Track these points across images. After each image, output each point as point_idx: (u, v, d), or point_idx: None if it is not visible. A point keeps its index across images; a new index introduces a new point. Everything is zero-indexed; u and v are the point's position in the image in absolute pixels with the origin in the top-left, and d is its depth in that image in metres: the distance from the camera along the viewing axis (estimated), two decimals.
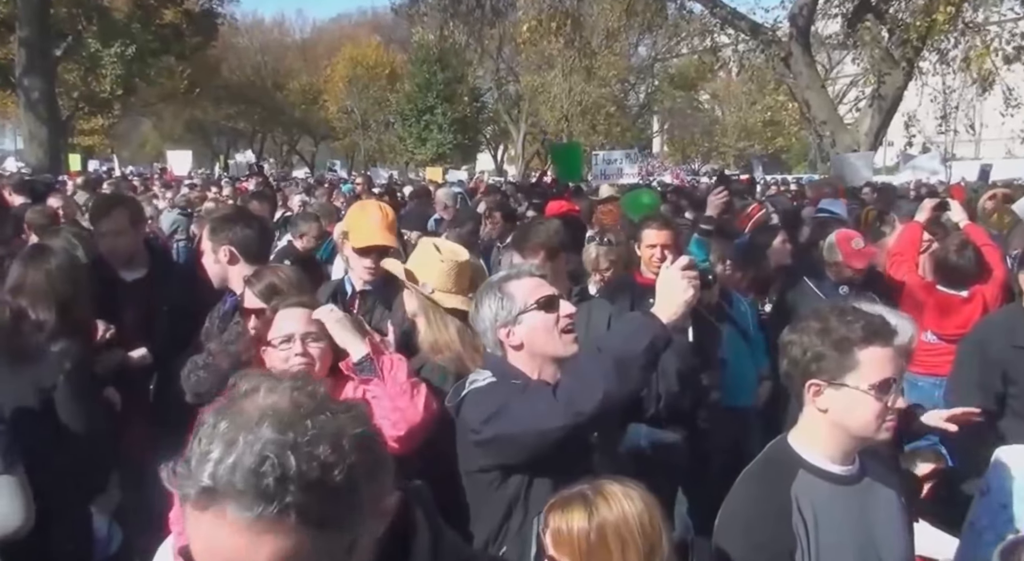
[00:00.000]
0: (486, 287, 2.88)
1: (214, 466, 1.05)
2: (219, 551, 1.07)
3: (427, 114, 47.72)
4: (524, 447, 2.57)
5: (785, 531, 2.23)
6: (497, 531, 2.69)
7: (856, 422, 2.27)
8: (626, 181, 16.15)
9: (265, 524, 1.05)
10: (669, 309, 2.54)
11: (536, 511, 2.57)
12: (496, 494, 2.68)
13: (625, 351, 2.49)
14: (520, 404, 2.56)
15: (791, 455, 2.37)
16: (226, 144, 62.42)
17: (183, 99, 45.98)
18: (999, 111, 22.19)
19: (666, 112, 53.31)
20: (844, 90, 37.38)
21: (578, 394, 2.47)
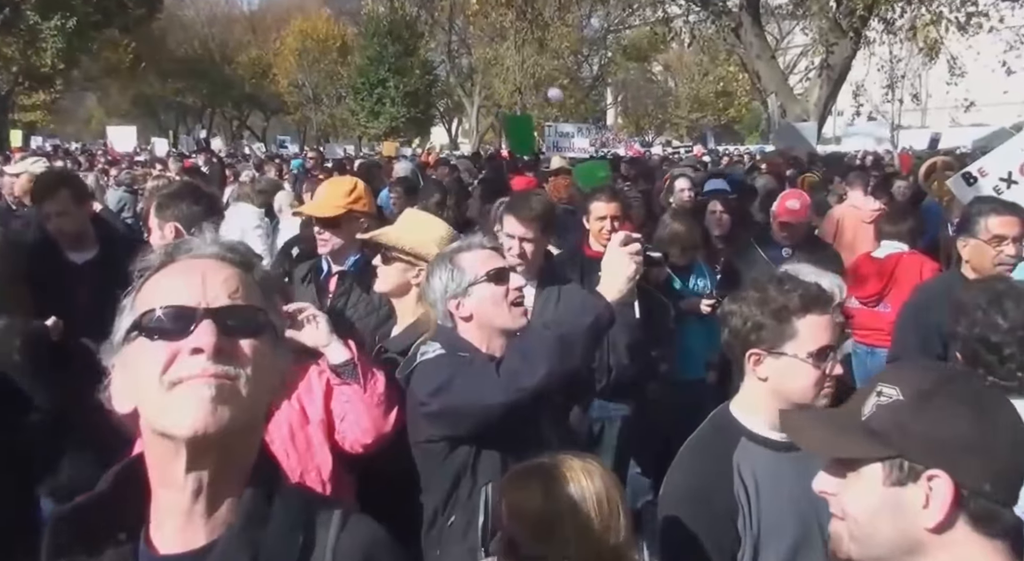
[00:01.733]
0: (438, 258, 2.89)
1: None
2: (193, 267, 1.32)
3: (379, 88, 47.15)
4: (469, 420, 2.61)
5: (727, 497, 2.27)
6: (446, 501, 2.73)
7: (795, 390, 2.31)
8: (578, 155, 16.14)
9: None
10: (614, 287, 2.58)
11: (484, 481, 2.61)
12: (444, 464, 2.71)
13: (569, 328, 2.53)
14: (465, 378, 2.58)
15: (733, 423, 2.41)
16: (175, 119, 61.18)
17: (128, 73, 44.93)
18: (944, 80, 22.57)
19: (619, 84, 53.35)
20: (794, 60, 37.66)
21: (520, 370, 2.51)
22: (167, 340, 1.24)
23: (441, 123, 58.43)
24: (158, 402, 1.23)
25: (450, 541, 2.71)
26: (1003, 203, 4.26)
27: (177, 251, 1.35)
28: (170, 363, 1.23)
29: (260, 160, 19.32)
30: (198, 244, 1.36)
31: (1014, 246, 3.92)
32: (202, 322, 1.24)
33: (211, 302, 1.27)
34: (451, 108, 55.65)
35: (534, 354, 2.53)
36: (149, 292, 1.30)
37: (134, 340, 1.27)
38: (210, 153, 21.13)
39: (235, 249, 1.39)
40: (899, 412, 1.39)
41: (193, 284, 1.28)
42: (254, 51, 57.04)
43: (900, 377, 1.45)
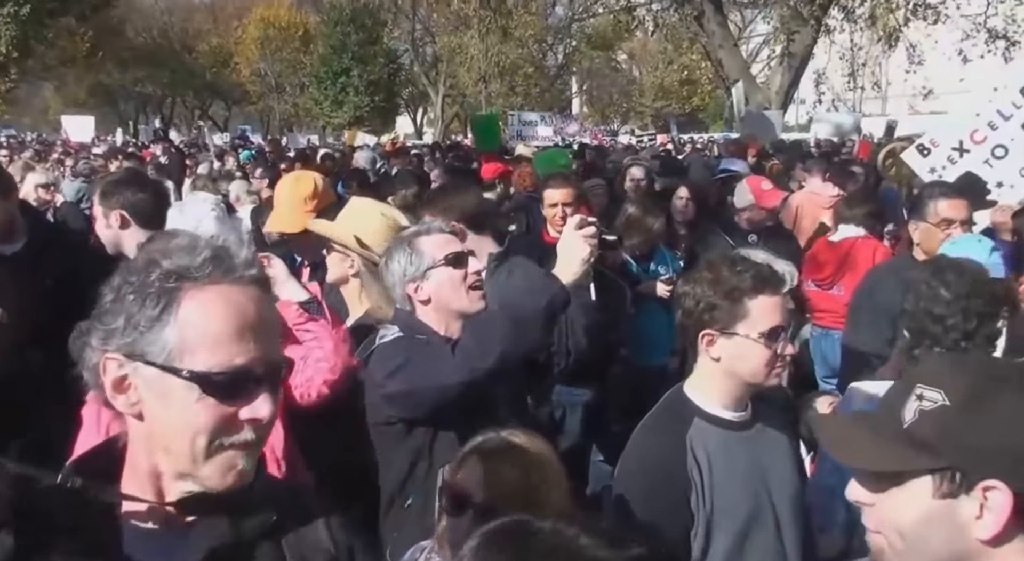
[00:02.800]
0: (397, 242, 2.90)
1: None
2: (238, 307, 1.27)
3: (342, 77, 46.71)
4: (425, 401, 2.63)
5: (680, 476, 2.30)
6: (403, 482, 2.75)
7: (747, 369, 2.34)
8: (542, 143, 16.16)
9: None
10: (569, 269, 2.60)
11: (441, 462, 2.63)
12: (402, 445, 2.74)
13: (523, 310, 2.55)
14: (421, 360, 2.61)
15: (686, 403, 2.44)
16: (134, 109, 60.22)
17: (85, 63, 44.02)
18: (903, 68, 22.88)
19: (584, 72, 53.38)
20: (757, 49, 37.98)
21: (475, 351, 2.54)
22: (224, 403, 1.24)
23: (406, 112, 58.09)
24: (198, 455, 1.25)
25: (408, 523, 2.72)
26: (952, 187, 4.35)
27: (224, 263, 1.29)
28: (222, 425, 1.25)
29: (221, 150, 19.07)
30: (240, 263, 1.30)
31: (962, 229, 4.00)
32: (263, 391, 1.26)
33: (267, 356, 1.28)
34: (416, 97, 55.32)
35: (488, 335, 2.55)
36: (201, 319, 1.24)
37: (184, 380, 1.23)
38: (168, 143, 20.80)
39: (255, 261, 1.35)
40: (947, 420, 1.27)
41: (251, 333, 1.26)
42: (215, 40, 56.22)
43: (941, 378, 1.31)
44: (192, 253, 1.27)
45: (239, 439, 1.26)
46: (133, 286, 1.25)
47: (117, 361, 1.25)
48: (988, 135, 5.63)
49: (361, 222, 3.37)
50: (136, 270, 1.27)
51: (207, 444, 1.24)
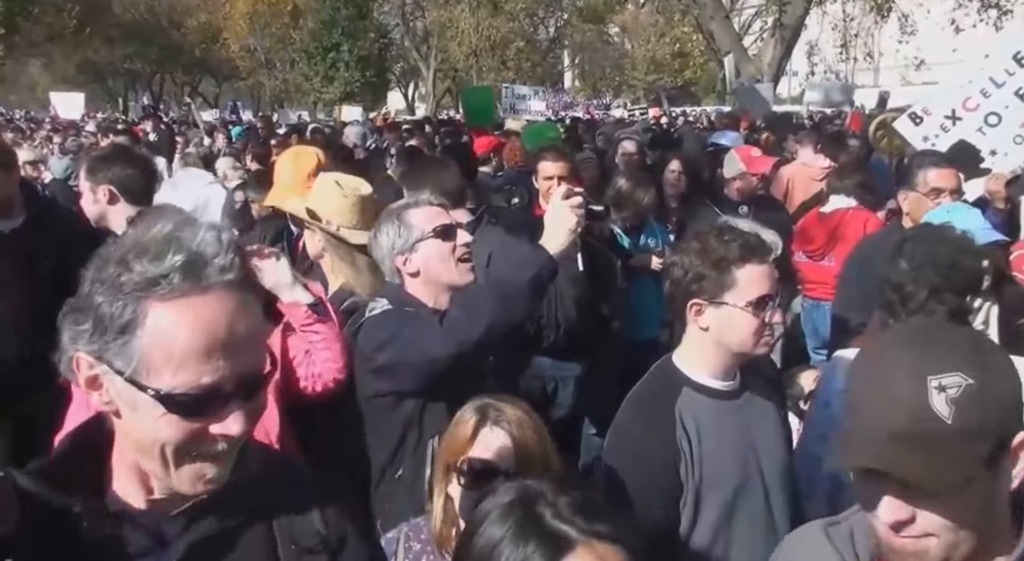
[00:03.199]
0: (386, 214, 2.91)
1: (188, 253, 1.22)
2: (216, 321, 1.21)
3: (332, 52, 46.31)
4: (414, 373, 2.64)
5: (670, 445, 2.32)
6: (393, 455, 2.77)
7: (735, 338, 2.35)
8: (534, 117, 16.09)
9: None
10: (556, 240, 2.61)
11: (431, 434, 2.66)
12: (391, 418, 2.75)
13: (510, 281, 2.56)
14: (409, 332, 2.61)
15: (675, 373, 2.46)
16: (123, 86, 59.67)
17: (72, 39, 43.52)
18: (895, 38, 22.78)
19: (576, 46, 53.03)
20: (749, 21, 37.71)
21: (463, 323, 2.55)
22: (190, 420, 1.21)
23: (397, 87, 57.70)
24: (167, 462, 1.24)
25: (398, 495, 2.75)
26: (942, 156, 4.34)
27: (194, 275, 1.21)
28: (189, 440, 1.22)
29: (211, 126, 18.95)
30: (214, 267, 1.22)
31: (951, 198, 4.00)
32: (233, 409, 1.23)
33: (239, 372, 1.22)
34: (407, 72, 54.91)
35: (476, 306, 2.56)
36: (166, 335, 1.18)
37: (149, 397, 1.19)
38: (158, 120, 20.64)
39: (240, 261, 1.27)
40: (980, 396, 1.26)
41: (221, 349, 1.20)
42: (203, 15, 55.49)
43: (946, 359, 1.29)
44: (161, 260, 1.19)
45: (208, 451, 1.23)
46: (104, 285, 1.21)
47: (88, 361, 1.22)
48: (981, 102, 5.59)
49: (316, 196, 3.38)
50: (109, 265, 1.22)
51: (173, 455, 1.23)
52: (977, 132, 5.57)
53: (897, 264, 2.79)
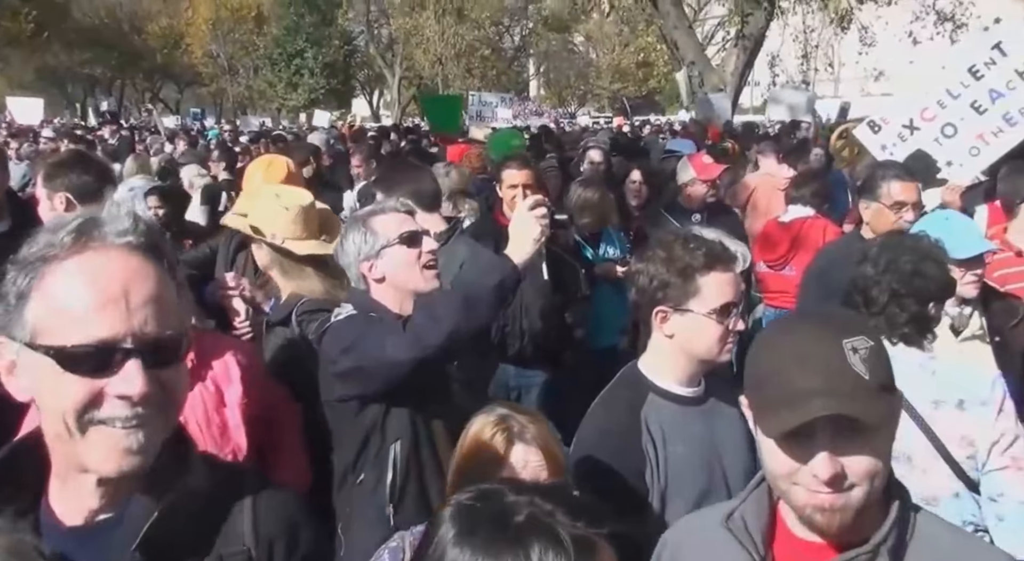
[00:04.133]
0: (352, 221, 2.92)
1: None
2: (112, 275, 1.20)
3: (297, 58, 46.15)
4: (377, 378, 2.63)
5: (635, 450, 2.33)
6: (356, 459, 2.76)
7: (700, 346, 2.37)
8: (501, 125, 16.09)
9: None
10: (521, 249, 2.62)
11: (393, 439, 2.67)
12: (355, 423, 2.75)
13: (474, 289, 2.57)
14: (372, 337, 2.61)
15: (641, 380, 2.47)
16: (82, 92, 58.81)
17: (30, 44, 42.88)
18: (856, 50, 23.16)
19: (541, 55, 53.28)
20: (712, 31, 38.13)
21: (426, 329, 2.55)
22: (86, 377, 1.16)
23: (362, 94, 57.54)
24: (73, 436, 1.18)
25: (360, 499, 2.75)
26: (905, 169, 4.40)
27: (87, 233, 1.21)
28: (89, 402, 1.17)
29: (172, 132, 18.75)
30: (111, 228, 1.22)
31: (913, 212, 4.06)
32: (128, 363, 1.17)
33: (137, 330, 1.17)
34: (372, 79, 54.82)
35: (439, 312, 2.56)
36: (59, 293, 1.17)
37: (44, 356, 1.17)
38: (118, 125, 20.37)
39: (147, 230, 1.26)
40: (879, 355, 1.43)
41: (115, 304, 1.17)
42: (165, 20, 55.00)
43: (850, 325, 1.47)
44: (59, 229, 1.21)
45: (111, 415, 1.17)
46: (15, 265, 1.21)
47: (4, 344, 1.21)
48: (938, 113, 5.68)
49: (258, 210, 3.38)
50: (24, 248, 1.23)
51: (76, 421, 1.17)
52: (934, 142, 5.67)
53: (863, 268, 2.84)
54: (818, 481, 1.40)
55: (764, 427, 1.46)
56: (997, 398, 2.55)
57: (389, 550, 2.16)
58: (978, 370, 2.68)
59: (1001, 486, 2.48)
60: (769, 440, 1.46)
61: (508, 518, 1.17)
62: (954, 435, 2.55)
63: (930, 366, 2.69)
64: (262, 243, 3.31)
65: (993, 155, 5.46)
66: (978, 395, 2.55)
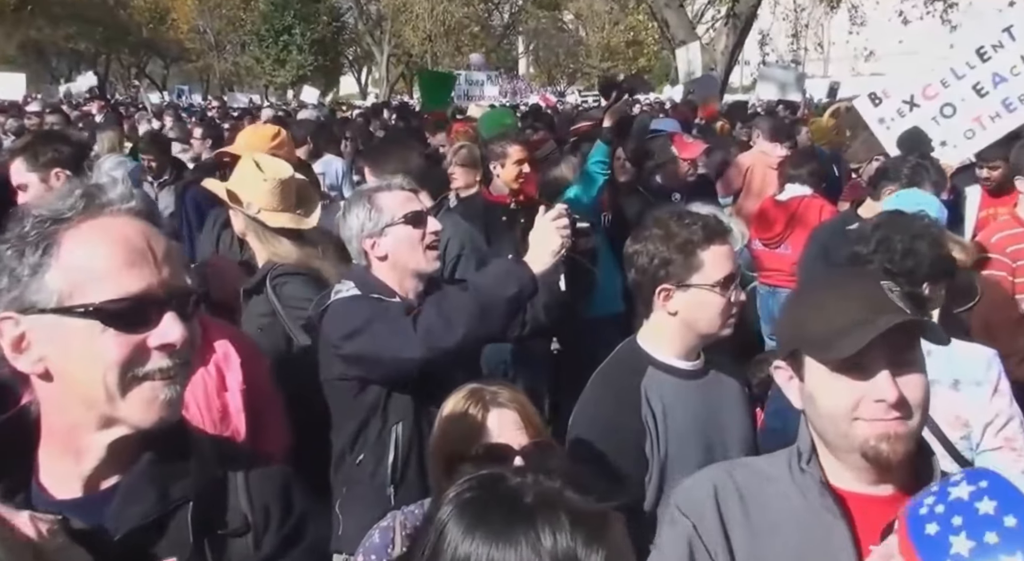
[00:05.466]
0: (356, 195, 2.92)
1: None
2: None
3: (285, 35, 45.69)
4: (382, 368, 2.64)
5: (635, 422, 2.36)
6: (354, 439, 2.76)
7: (704, 320, 2.39)
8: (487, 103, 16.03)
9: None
10: (540, 259, 2.63)
11: (395, 421, 2.66)
12: (355, 403, 2.75)
13: (492, 295, 2.57)
14: (381, 327, 2.59)
15: (640, 354, 2.49)
16: (67, 67, 58.08)
17: (13, 17, 42.29)
18: (845, 30, 23.13)
19: (531, 33, 52.92)
20: (702, 10, 37.93)
21: (438, 330, 2.53)
22: (128, 332, 1.19)
23: (350, 72, 57.10)
24: (113, 392, 1.20)
25: (358, 479, 2.75)
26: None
27: (96, 199, 1.25)
28: (132, 357, 1.20)
29: (159, 108, 18.57)
30: (115, 197, 1.26)
31: None
32: (166, 314, 1.21)
33: (169, 283, 1.23)
34: (360, 56, 54.37)
35: (454, 316, 2.55)
36: (83, 255, 1.19)
37: (78, 319, 1.18)
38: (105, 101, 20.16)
39: (143, 197, 1.33)
40: (907, 299, 1.58)
41: (144, 259, 1.22)
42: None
43: (874, 274, 1.72)
44: (64, 197, 1.24)
45: (153, 367, 1.21)
46: (9, 242, 1.21)
47: (11, 319, 1.20)
48: (940, 92, 5.65)
49: (238, 178, 3.40)
50: (12, 226, 1.23)
51: (119, 378, 1.19)
52: (931, 121, 5.65)
53: (858, 247, 2.86)
54: (884, 407, 1.46)
55: (823, 359, 1.51)
56: (992, 378, 2.58)
57: (380, 530, 2.14)
58: (973, 350, 2.70)
59: (994, 466, 2.50)
60: (822, 381, 1.52)
61: (517, 502, 1.15)
62: (948, 415, 2.57)
63: (925, 346, 2.70)
64: (238, 212, 3.31)
65: (987, 139, 5.46)
66: (973, 375, 2.58)
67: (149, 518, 1.25)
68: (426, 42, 40.59)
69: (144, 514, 1.25)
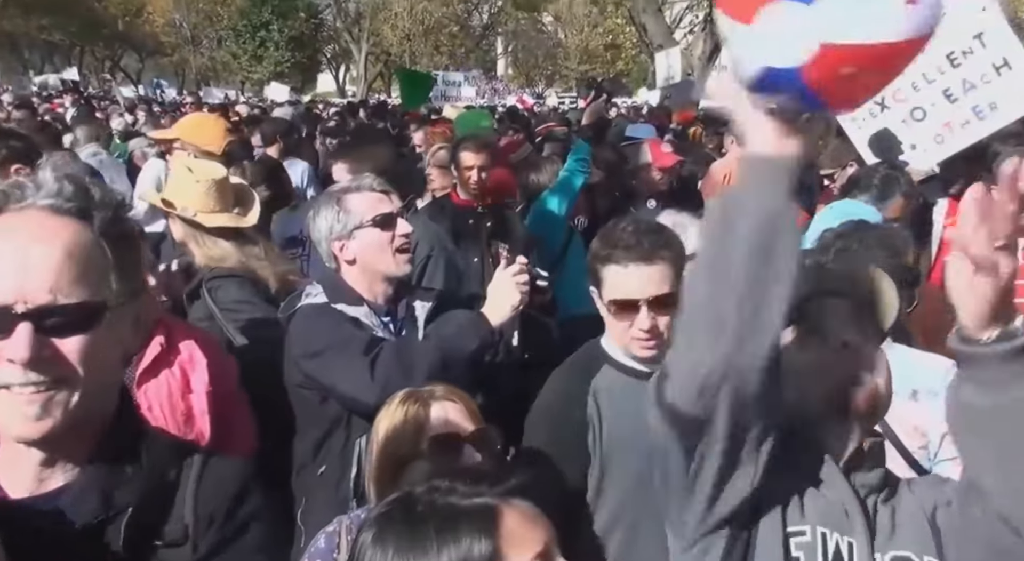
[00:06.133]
0: (325, 196, 2.86)
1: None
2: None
3: (262, 30, 45.45)
4: (335, 398, 2.63)
5: (580, 418, 2.40)
6: (317, 449, 2.71)
7: (613, 337, 2.44)
8: (464, 103, 16.01)
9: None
10: (499, 312, 2.63)
11: (359, 434, 2.59)
12: (318, 413, 2.70)
13: (453, 347, 2.56)
14: (339, 362, 2.56)
15: (599, 352, 2.52)
16: (40, 59, 57.33)
17: None
18: None
19: (510, 34, 52.99)
20: (680, 14, 38.19)
21: (396, 378, 2.45)
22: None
23: (328, 69, 56.86)
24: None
25: (320, 490, 2.69)
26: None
27: (10, 197, 1.21)
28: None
29: (132, 102, 18.37)
30: (39, 191, 1.21)
31: None
32: (19, 327, 1.13)
33: (30, 296, 1.14)
34: (338, 54, 54.16)
35: (414, 364, 2.52)
36: None
37: None
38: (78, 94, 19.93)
39: (75, 192, 1.23)
40: None
41: (11, 269, 1.15)
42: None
43: None
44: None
45: (7, 380, 1.14)
46: None
47: None
48: (910, 96, 5.64)
49: (171, 184, 3.40)
50: None
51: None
52: (902, 123, 5.64)
53: (821, 255, 2.87)
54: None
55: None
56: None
57: (325, 534, 2.10)
58: (931, 360, 2.71)
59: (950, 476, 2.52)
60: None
61: (411, 510, 1.31)
62: (907, 426, 2.57)
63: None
64: (175, 216, 3.28)
65: (957, 145, 5.48)
66: (931, 385, 2.56)
67: (90, 522, 1.22)
68: (405, 41, 40.52)
69: (85, 518, 1.22)
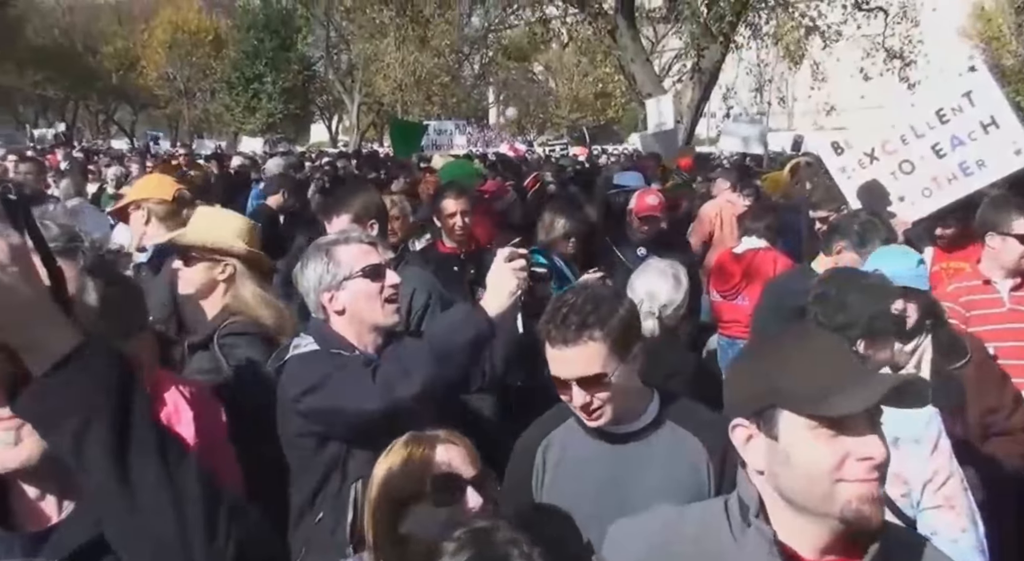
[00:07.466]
0: (314, 248, 2.87)
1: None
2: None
3: (255, 82, 45.94)
4: (342, 422, 2.60)
5: (525, 470, 2.43)
6: (314, 497, 2.70)
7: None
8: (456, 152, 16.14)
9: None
10: (496, 301, 2.60)
11: (355, 477, 2.56)
12: (314, 459, 2.69)
13: (449, 342, 2.54)
14: (340, 381, 2.56)
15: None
16: (34, 114, 57.81)
17: None
18: (808, 84, 23.68)
19: (501, 83, 53.63)
20: (669, 63, 38.74)
21: (396, 380, 2.50)
22: None
23: (321, 120, 57.38)
24: None
25: (317, 539, 2.67)
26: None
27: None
28: None
29: (122, 154, 18.46)
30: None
31: None
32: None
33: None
34: (331, 105, 54.69)
35: (412, 364, 2.53)
36: None
37: None
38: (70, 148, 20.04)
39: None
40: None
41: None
42: (120, 42, 54.36)
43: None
44: None
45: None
46: None
47: None
48: (898, 148, 5.71)
49: (226, 224, 3.40)
50: None
51: None
52: (890, 175, 5.70)
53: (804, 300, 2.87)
54: (868, 468, 1.43)
55: (814, 414, 1.44)
56: (932, 436, 2.53)
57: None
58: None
59: (934, 525, 2.47)
60: (802, 439, 1.44)
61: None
62: (888, 473, 2.53)
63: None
64: (225, 260, 3.27)
65: (943, 200, 5.51)
66: (913, 433, 2.50)
67: (91, 540, 1.25)
68: (397, 91, 40.89)
69: (88, 537, 1.25)
